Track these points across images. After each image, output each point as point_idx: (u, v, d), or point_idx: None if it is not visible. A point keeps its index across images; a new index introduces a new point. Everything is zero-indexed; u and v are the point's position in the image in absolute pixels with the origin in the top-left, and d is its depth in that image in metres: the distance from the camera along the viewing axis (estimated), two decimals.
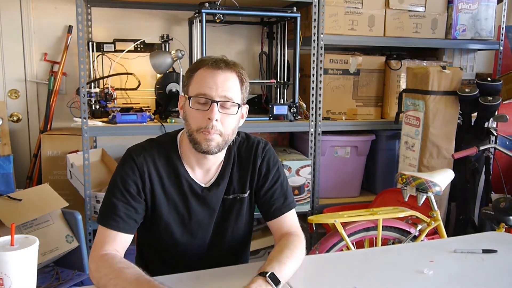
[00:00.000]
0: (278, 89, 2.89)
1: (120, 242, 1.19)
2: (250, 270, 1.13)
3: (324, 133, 2.76)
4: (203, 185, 1.31)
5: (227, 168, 1.33)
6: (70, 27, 2.80)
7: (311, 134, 2.70)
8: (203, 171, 1.31)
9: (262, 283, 1.04)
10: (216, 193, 1.32)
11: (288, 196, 1.37)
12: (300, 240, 1.27)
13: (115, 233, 1.18)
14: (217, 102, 1.19)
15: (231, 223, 1.36)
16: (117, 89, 2.77)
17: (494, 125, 2.68)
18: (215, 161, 1.31)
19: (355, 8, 2.76)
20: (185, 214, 1.30)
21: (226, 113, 1.21)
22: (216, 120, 1.19)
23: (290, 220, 1.35)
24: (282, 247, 1.22)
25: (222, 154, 1.33)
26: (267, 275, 1.06)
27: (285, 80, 2.83)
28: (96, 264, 1.12)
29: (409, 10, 2.87)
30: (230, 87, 1.21)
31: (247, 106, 1.32)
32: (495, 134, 2.59)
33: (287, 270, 1.13)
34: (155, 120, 2.54)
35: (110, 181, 1.26)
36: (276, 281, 1.06)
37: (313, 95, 2.68)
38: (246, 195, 1.36)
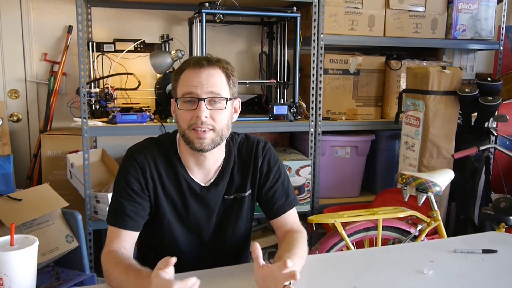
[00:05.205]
0: (278, 89, 2.89)
1: (128, 239, 1.23)
2: (250, 270, 1.13)
3: (324, 133, 2.75)
4: (202, 184, 1.32)
5: (227, 169, 1.34)
6: (70, 27, 2.79)
7: (311, 134, 2.70)
8: (203, 172, 1.32)
9: None
10: (215, 193, 1.32)
11: (290, 194, 1.38)
12: (303, 237, 1.30)
13: (121, 231, 1.22)
14: (203, 99, 1.19)
15: (231, 222, 1.37)
16: (117, 89, 2.77)
17: (494, 125, 2.67)
18: (214, 161, 1.32)
19: (355, 8, 2.76)
20: (183, 212, 1.32)
21: (215, 109, 1.22)
22: (206, 117, 1.20)
23: (292, 217, 1.37)
24: (288, 245, 1.24)
25: (221, 154, 1.34)
26: None
27: (285, 80, 2.82)
28: (103, 260, 1.18)
29: (409, 10, 2.87)
30: (216, 83, 1.21)
31: (239, 99, 1.33)
32: (495, 134, 2.59)
33: (296, 267, 1.14)
34: (155, 120, 2.54)
35: (114, 182, 1.29)
36: None
37: (313, 95, 2.68)
38: (247, 194, 1.36)
